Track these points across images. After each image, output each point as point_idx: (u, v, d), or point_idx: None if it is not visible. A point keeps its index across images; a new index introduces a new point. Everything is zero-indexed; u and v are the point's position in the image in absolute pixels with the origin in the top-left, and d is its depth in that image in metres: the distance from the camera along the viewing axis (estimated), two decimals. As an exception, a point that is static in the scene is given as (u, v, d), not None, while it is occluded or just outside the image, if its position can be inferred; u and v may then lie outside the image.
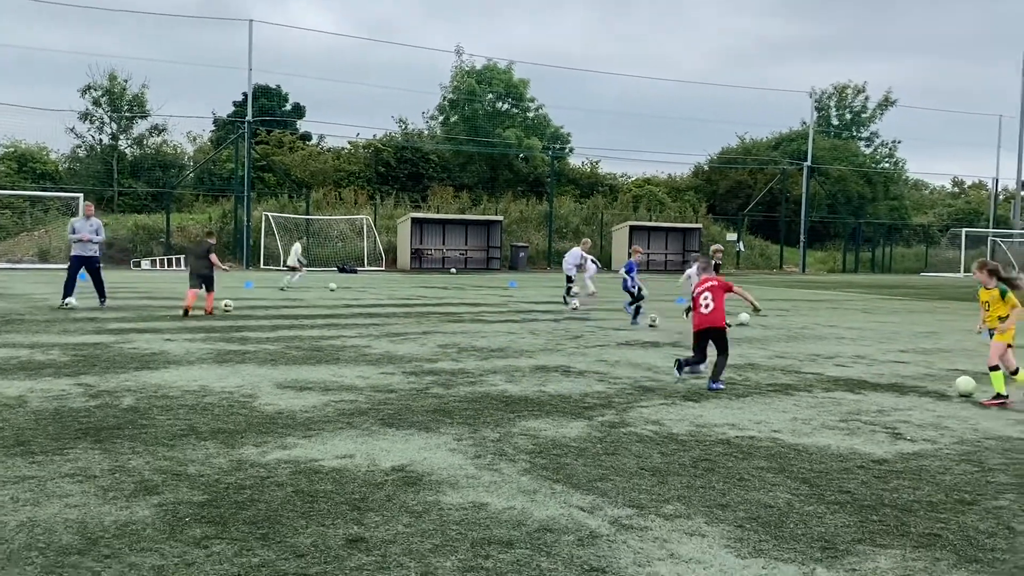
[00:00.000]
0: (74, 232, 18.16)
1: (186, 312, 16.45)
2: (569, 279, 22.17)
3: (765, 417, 8.28)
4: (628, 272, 17.90)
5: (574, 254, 22.41)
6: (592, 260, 23.04)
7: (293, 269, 27.21)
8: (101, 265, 18.77)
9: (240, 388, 9.03)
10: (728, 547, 4.72)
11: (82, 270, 18.06)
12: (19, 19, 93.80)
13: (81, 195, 38.10)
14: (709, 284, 10.46)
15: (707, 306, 10.29)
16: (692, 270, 14.69)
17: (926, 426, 8.05)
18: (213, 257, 17.13)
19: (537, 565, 4.38)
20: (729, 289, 10.50)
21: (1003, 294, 9.73)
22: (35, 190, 46.28)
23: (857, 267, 62.05)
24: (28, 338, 12.74)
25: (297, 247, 27.91)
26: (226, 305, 17.93)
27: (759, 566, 4.46)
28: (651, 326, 16.68)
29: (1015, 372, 9.76)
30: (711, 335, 10.30)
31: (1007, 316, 9.66)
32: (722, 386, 9.75)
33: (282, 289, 25.71)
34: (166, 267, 40.98)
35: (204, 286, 17.01)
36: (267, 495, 5.40)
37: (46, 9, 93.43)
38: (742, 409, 8.65)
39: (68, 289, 17.82)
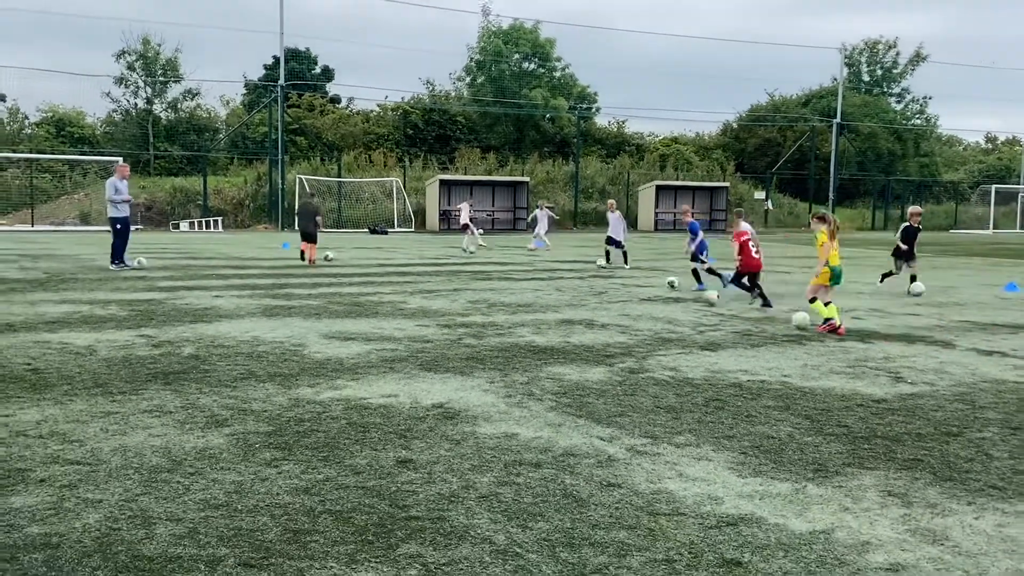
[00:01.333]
0: (117, 192, 18.38)
1: (311, 262, 20.48)
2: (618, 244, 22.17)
3: (777, 364, 8.88)
4: (694, 233, 16.49)
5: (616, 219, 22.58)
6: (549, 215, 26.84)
7: (466, 227, 28.04)
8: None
9: (290, 338, 9.77)
10: (731, 469, 5.37)
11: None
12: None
13: (120, 159, 39.02)
14: (750, 234, 14.20)
15: (757, 252, 13.94)
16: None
17: (928, 371, 8.63)
18: (319, 218, 21.63)
19: (562, 481, 5.05)
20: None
21: (816, 238, 11.55)
22: (73, 154, 47.36)
23: (887, 225, 61.96)
24: (85, 295, 13.56)
25: (465, 206, 29.34)
26: (327, 257, 21.63)
27: (757, 483, 5.10)
28: (671, 287, 16.57)
29: (812, 301, 11.42)
30: (757, 275, 13.96)
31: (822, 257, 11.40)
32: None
33: (466, 251, 26.44)
34: (204, 229, 41.94)
35: (310, 240, 20.79)
36: (324, 426, 6.12)
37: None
38: (756, 357, 9.26)
39: (122, 254, 18.46)
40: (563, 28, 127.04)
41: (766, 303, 13.48)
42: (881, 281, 17.14)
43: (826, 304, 11.21)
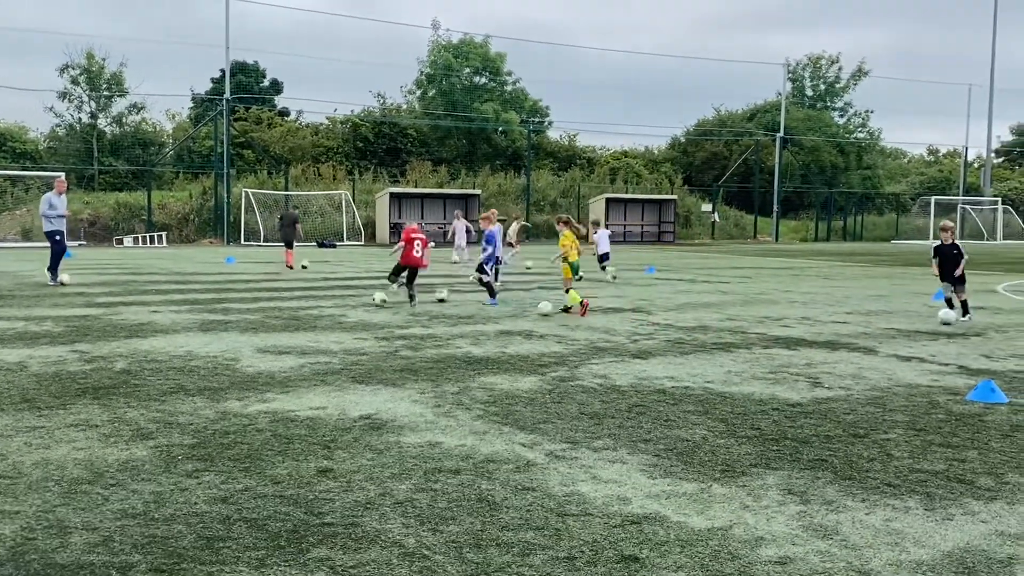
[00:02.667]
0: (51, 208, 18.19)
1: (289, 267, 23.52)
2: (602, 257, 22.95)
3: (703, 371, 9.13)
4: (490, 244, 15.97)
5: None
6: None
7: (510, 245, 26.63)
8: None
9: (223, 353, 9.81)
10: (643, 471, 5.56)
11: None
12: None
13: (62, 174, 38.47)
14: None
15: (420, 252, 15.11)
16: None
17: (846, 376, 8.93)
18: (298, 226, 25.13)
19: (478, 486, 5.20)
20: None
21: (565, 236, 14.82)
22: (15, 169, 46.57)
23: (829, 236, 63.13)
24: (21, 311, 13.44)
25: (515, 226, 27.74)
26: (303, 266, 24.07)
27: (665, 484, 5.30)
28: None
29: (567, 291, 14.15)
30: (415, 271, 15.29)
31: (569, 252, 14.58)
32: None
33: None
34: (148, 244, 41.48)
35: (289, 246, 23.89)
36: (249, 438, 6.20)
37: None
38: (683, 365, 9.50)
39: (55, 265, 18.20)
40: (514, 43, 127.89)
41: (412, 299, 14.85)
42: (964, 315, 13.60)
43: (567, 291, 14.13)
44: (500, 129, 63.71)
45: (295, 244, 24.94)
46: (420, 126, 63.40)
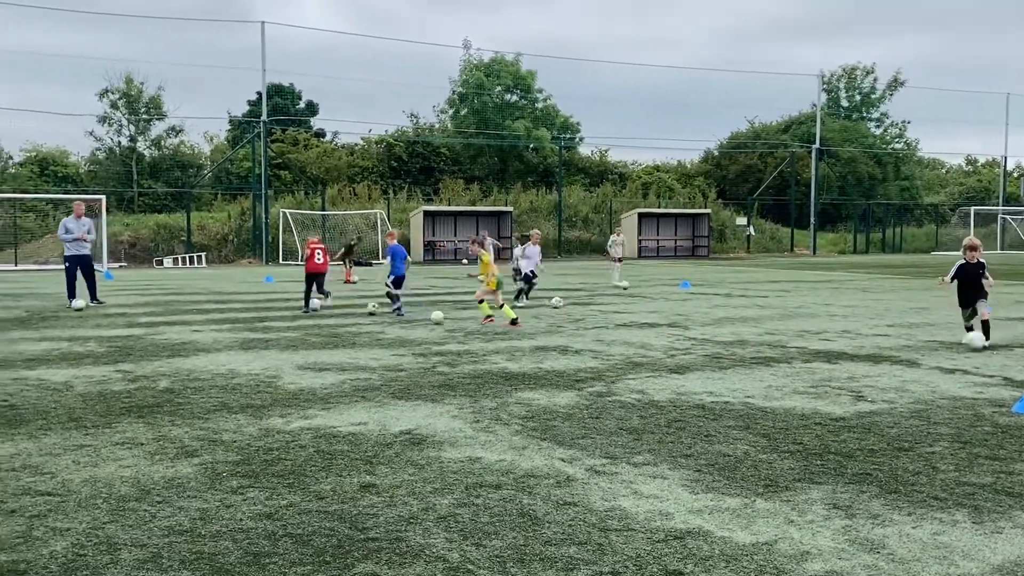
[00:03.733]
0: (67, 232, 18.27)
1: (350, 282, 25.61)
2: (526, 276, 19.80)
3: (742, 386, 9.07)
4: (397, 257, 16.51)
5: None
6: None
7: (619, 260, 26.45)
8: (93, 264, 18.86)
9: (265, 370, 9.92)
10: (684, 486, 5.54)
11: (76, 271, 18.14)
12: (32, 23, 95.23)
13: (103, 197, 39.14)
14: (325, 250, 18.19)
15: (321, 259, 17.50)
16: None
17: (889, 389, 8.83)
18: (355, 249, 27.98)
19: (519, 501, 5.21)
20: None
21: (479, 258, 15.96)
22: (57, 193, 47.46)
23: (868, 248, 62.48)
24: (65, 332, 13.67)
25: (616, 238, 27.16)
26: (359, 278, 26.32)
27: (708, 499, 5.27)
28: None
29: (501, 306, 14.92)
30: (319, 277, 17.46)
31: (488, 272, 15.52)
32: None
33: (624, 288, 23.65)
34: (188, 265, 42.02)
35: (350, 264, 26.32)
36: (292, 454, 6.27)
37: (59, 14, 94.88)
38: (722, 380, 9.45)
39: (72, 291, 17.98)
40: (544, 60, 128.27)
41: (308, 308, 16.93)
42: (986, 342, 11.83)
43: (480, 302, 15.36)
44: (531, 146, 63.89)
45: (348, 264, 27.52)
46: (452, 145, 63.76)
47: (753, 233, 58.13)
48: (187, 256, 42.85)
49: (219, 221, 47.40)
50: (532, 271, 19.39)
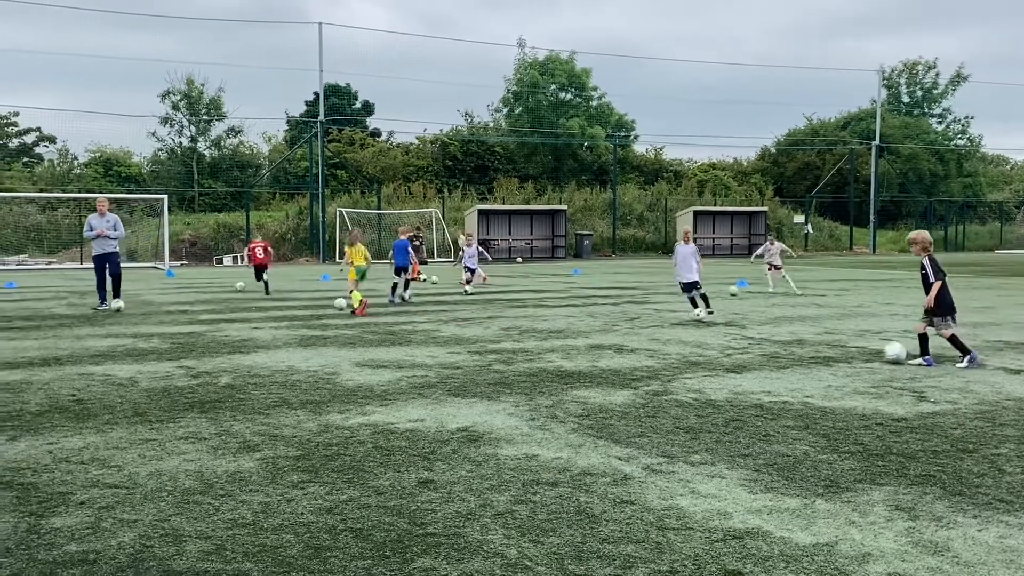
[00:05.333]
0: (91, 230, 17.30)
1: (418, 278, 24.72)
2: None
3: (801, 385, 8.96)
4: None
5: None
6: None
7: (776, 267, 22.71)
8: (121, 263, 17.90)
9: (323, 367, 10.06)
10: (743, 486, 5.49)
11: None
12: (96, 27, 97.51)
13: (165, 196, 40.02)
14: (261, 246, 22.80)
15: (264, 253, 22.51)
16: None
17: (952, 390, 8.65)
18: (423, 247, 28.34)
19: (576, 499, 5.22)
20: None
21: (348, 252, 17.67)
22: (120, 193, 48.54)
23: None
24: (129, 329, 14.00)
25: (778, 246, 23.23)
26: (433, 280, 26.02)
27: (767, 499, 5.23)
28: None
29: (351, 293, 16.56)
30: (262, 269, 22.47)
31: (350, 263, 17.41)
32: None
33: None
34: (247, 263, 42.69)
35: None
36: (351, 450, 6.35)
37: (122, 18, 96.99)
38: (780, 379, 9.35)
39: (101, 292, 17.41)
40: (599, 58, 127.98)
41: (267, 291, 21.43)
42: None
43: (350, 292, 16.61)
44: (586, 144, 63.72)
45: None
46: (507, 143, 63.88)
47: (811, 231, 57.30)
48: (246, 255, 43.53)
49: (277, 220, 48.13)
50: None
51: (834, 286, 24.26)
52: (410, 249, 19.52)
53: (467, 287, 21.55)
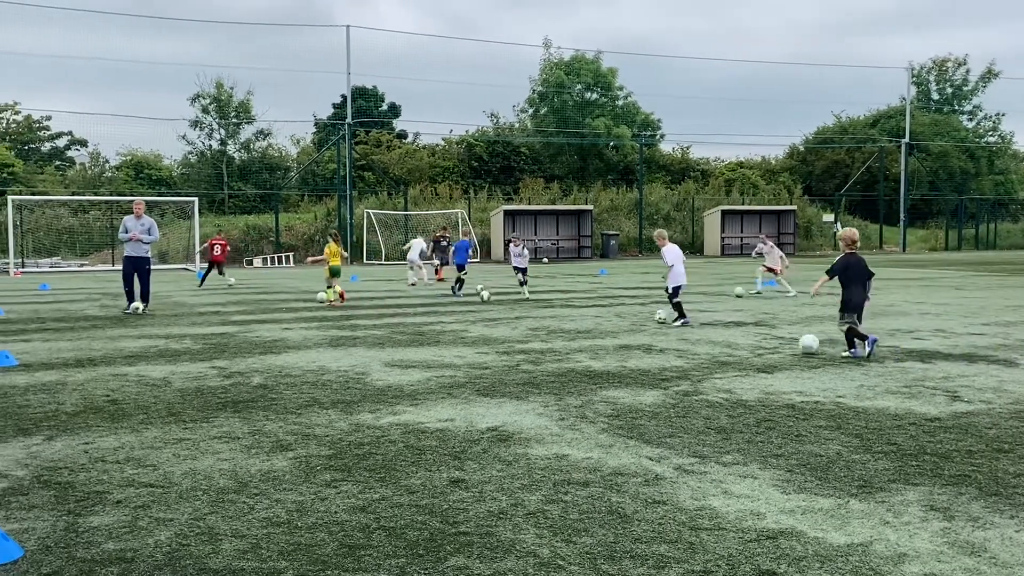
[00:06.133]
0: (125, 232, 17.01)
1: (440, 280, 26.87)
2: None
3: (833, 385, 8.90)
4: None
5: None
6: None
7: (772, 270, 21.39)
8: (151, 268, 17.58)
9: (353, 367, 10.12)
10: (776, 486, 5.47)
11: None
12: (126, 31, 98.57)
13: (195, 199, 40.38)
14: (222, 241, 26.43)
15: (220, 252, 26.45)
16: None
17: (986, 390, 8.56)
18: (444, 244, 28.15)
19: (608, 499, 5.22)
20: None
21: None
22: (152, 195, 49.06)
23: (960, 245, 60.54)
24: (162, 330, 14.15)
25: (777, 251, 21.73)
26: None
27: (800, 499, 5.20)
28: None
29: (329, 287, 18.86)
30: (219, 266, 26.43)
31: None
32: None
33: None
34: (277, 264, 42.98)
35: (441, 264, 27.55)
36: (382, 449, 6.38)
37: (151, 22, 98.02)
38: (812, 379, 9.29)
39: (129, 295, 17.23)
40: (624, 57, 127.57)
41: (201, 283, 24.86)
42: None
43: (329, 287, 18.79)
44: (612, 144, 63.60)
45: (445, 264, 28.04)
46: (532, 144, 63.90)
47: (840, 230, 56.84)
48: (275, 256, 43.84)
49: (306, 222, 48.42)
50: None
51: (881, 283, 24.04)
52: (468, 250, 20.15)
53: (524, 289, 20.79)
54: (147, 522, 4.88)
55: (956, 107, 76.29)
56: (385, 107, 68.60)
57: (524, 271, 21.25)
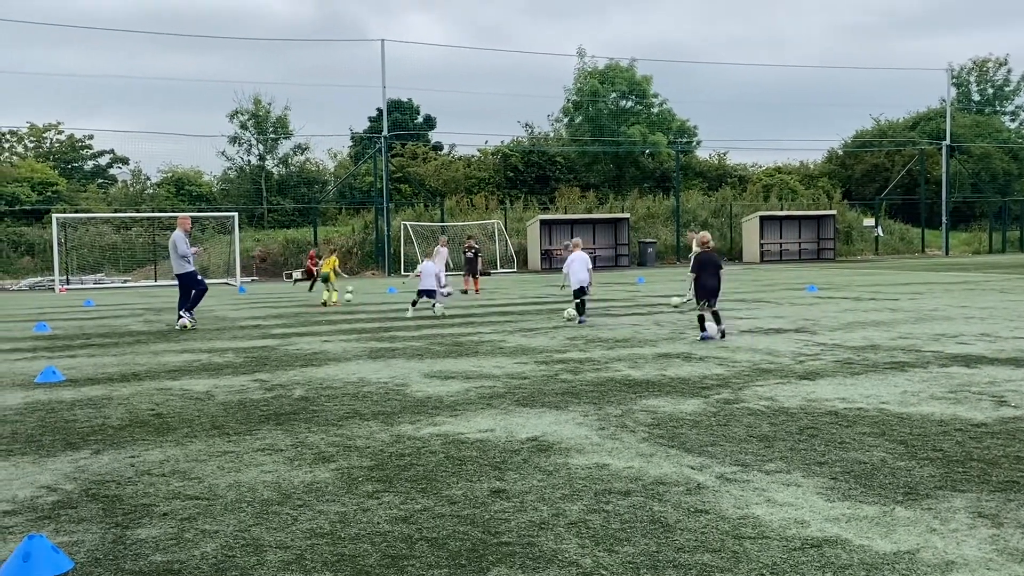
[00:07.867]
0: (175, 248, 16.84)
1: (465, 292, 26.67)
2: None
3: (876, 391, 8.79)
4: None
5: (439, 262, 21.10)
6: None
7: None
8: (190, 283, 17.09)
9: (393, 379, 10.18)
10: (820, 494, 5.42)
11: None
12: (165, 50, 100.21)
13: (235, 214, 40.87)
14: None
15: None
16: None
17: (1034, 394, 8.41)
18: (479, 257, 27.94)
19: (650, 508, 5.20)
20: None
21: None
22: (192, 211, 49.73)
23: (1004, 247, 59.52)
24: (204, 344, 14.33)
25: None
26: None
27: (844, 507, 5.15)
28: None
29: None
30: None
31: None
32: None
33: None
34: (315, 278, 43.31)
35: (472, 275, 27.23)
36: (423, 460, 6.41)
37: (190, 40, 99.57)
38: (855, 385, 9.18)
39: (191, 307, 17.18)
40: (659, 65, 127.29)
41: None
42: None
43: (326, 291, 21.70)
44: (648, 151, 63.42)
45: (478, 273, 28.04)
46: (568, 153, 63.91)
47: (882, 234, 56.15)
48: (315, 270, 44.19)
49: (344, 235, 48.80)
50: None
51: (907, 290, 23.75)
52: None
53: (585, 297, 17.15)
54: (193, 534, 4.95)
55: (998, 108, 75.18)
56: (420, 119, 69.04)
57: (433, 293, 18.75)
